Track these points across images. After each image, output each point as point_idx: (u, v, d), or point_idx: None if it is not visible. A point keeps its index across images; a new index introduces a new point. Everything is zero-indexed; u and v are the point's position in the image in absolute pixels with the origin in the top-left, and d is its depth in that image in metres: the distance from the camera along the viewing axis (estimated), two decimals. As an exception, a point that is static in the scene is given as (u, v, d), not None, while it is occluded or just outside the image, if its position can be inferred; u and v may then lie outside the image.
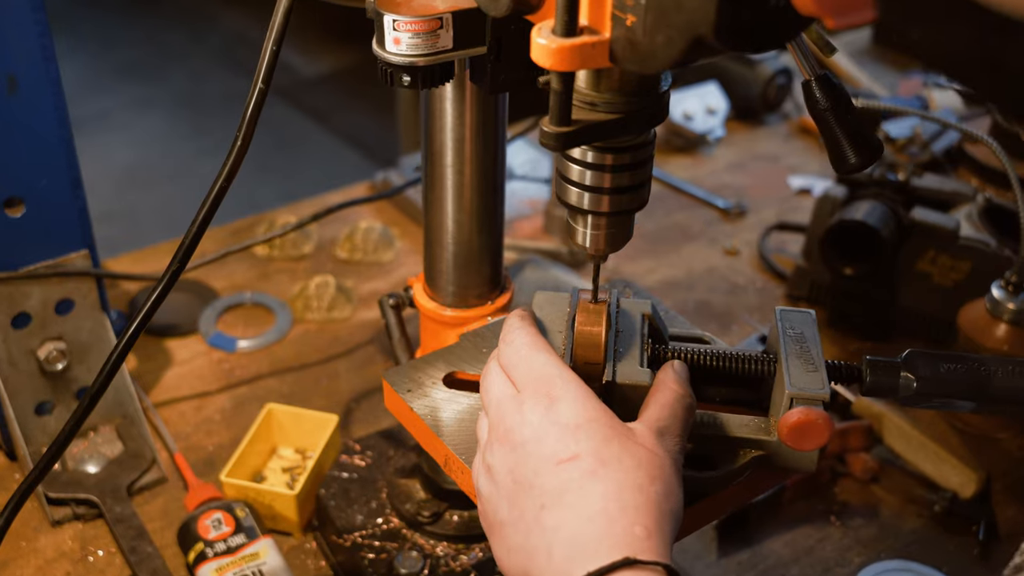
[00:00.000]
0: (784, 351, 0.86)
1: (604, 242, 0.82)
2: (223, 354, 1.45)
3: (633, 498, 0.72)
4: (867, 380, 0.87)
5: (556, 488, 0.73)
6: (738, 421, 0.87)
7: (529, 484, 0.74)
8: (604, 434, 0.74)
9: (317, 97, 4.58)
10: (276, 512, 1.18)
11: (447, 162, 0.96)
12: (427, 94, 0.94)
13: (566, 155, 0.78)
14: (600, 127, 0.73)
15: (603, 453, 0.73)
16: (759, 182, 1.87)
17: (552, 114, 0.70)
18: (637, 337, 0.88)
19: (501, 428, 0.78)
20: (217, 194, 0.83)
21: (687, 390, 0.82)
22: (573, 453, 0.74)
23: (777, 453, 0.85)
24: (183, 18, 5.24)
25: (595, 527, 0.71)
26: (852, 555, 1.22)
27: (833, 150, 0.81)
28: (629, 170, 0.77)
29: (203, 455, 1.30)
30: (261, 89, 0.81)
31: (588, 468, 0.73)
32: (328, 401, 1.38)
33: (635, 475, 0.73)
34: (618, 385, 0.82)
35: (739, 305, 1.58)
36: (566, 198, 0.80)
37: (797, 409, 0.81)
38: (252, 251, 1.63)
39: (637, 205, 0.80)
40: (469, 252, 1.01)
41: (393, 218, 1.73)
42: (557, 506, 0.72)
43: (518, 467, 0.75)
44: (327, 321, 1.51)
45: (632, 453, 0.74)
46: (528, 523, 0.74)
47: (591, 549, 0.70)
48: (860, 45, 2.30)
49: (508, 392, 0.79)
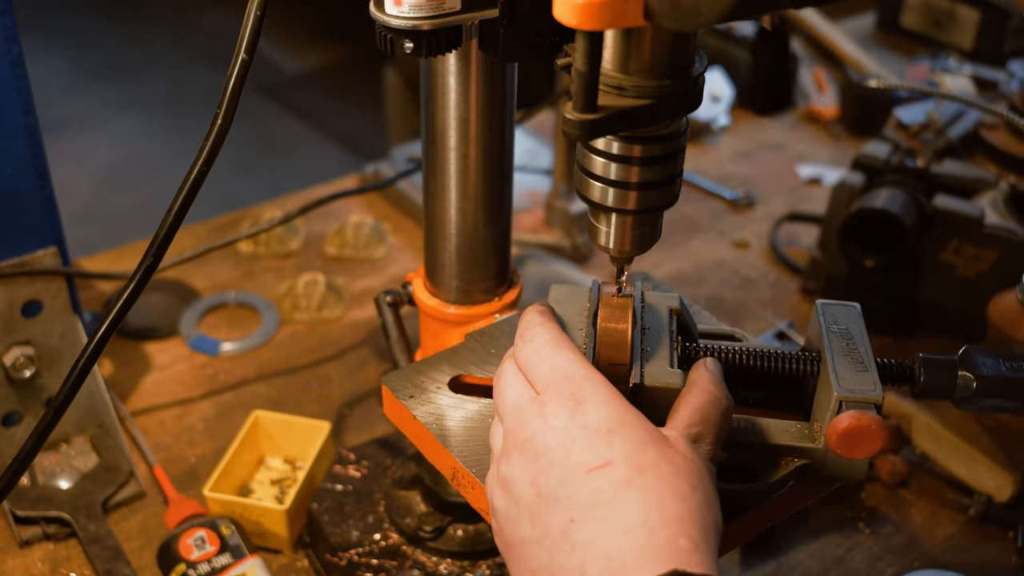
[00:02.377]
0: (829, 349, 0.78)
1: (630, 243, 0.73)
2: (206, 358, 1.36)
3: (675, 508, 0.64)
4: (921, 380, 0.79)
5: (587, 499, 0.65)
6: (779, 427, 0.78)
7: (555, 497, 0.66)
8: (639, 438, 0.66)
9: (303, 94, 4.49)
10: (264, 528, 1.09)
11: (450, 144, 0.87)
12: (428, 69, 0.85)
13: (589, 146, 0.70)
14: (629, 114, 0.64)
15: (639, 459, 0.65)
16: (767, 172, 1.79)
17: (576, 99, 0.62)
18: (665, 334, 0.80)
19: (520, 435, 0.69)
20: (195, 179, 0.74)
21: (723, 392, 0.73)
22: (605, 460, 0.65)
23: (824, 462, 0.77)
24: (164, 18, 5.14)
25: (634, 541, 0.62)
26: (883, 565, 1.14)
27: (751, 87, 0.74)
28: (659, 163, 0.69)
29: (185, 467, 1.21)
30: (244, 60, 0.72)
31: (623, 476, 0.65)
32: (319, 407, 1.29)
33: (675, 483, 0.65)
34: (647, 388, 0.74)
35: (752, 300, 1.50)
36: (588, 194, 0.71)
37: (848, 414, 0.72)
38: (236, 248, 1.55)
39: (667, 202, 0.72)
40: (474, 244, 0.92)
41: (385, 212, 1.64)
42: (588, 519, 0.64)
43: (541, 478, 0.67)
44: (317, 321, 1.43)
45: (670, 459, 0.66)
46: (554, 540, 0.65)
47: (631, 565, 0.62)
48: (865, 31, 2.22)
49: (527, 395, 0.70)
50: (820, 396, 0.78)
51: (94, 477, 1.15)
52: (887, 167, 1.44)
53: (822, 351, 0.79)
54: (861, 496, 1.21)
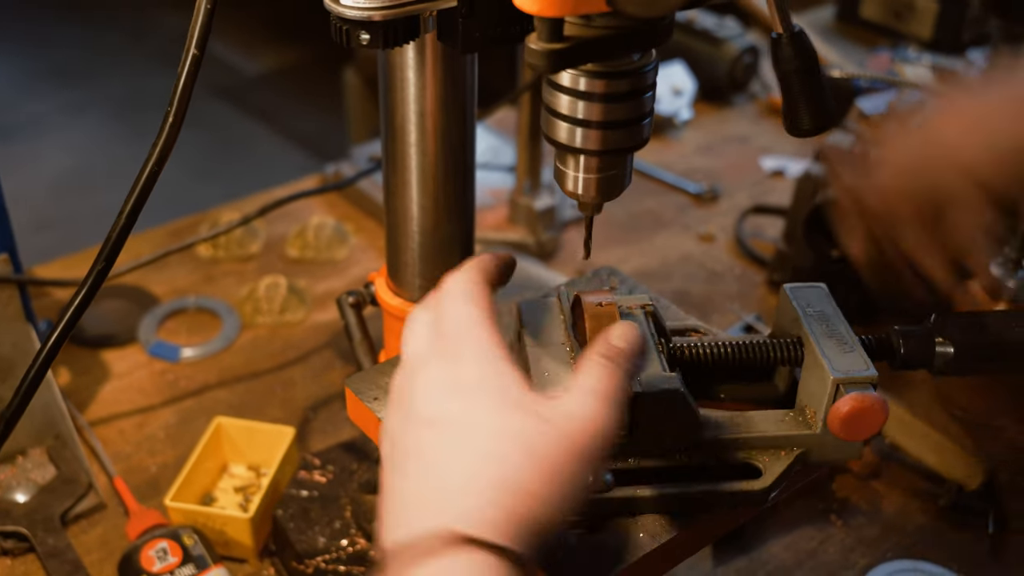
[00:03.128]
0: (812, 333, 0.77)
1: (596, 188, 0.72)
2: (166, 364, 1.33)
3: (489, 471, 0.62)
4: (901, 352, 0.80)
5: (411, 449, 0.65)
6: (772, 417, 0.78)
7: (393, 444, 0.67)
8: (491, 401, 0.65)
9: (261, 96, 4.45)
10: (229, 537, 1.07)
11: (410, 140, 0.85)
12: (385, 63, 0.83)
13: (554, 83, 0.68)
14: (596, 44, 0.62)
15: (473, 418, 0.64)
16: (730, 165, 1.78)
17: (541, 28, 0.60)
18: (648, 338, 0.78)
19: (406, 387, 0.69)
20: (147, 180, 0.72)
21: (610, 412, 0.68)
22: (447, 412, 0.65)
23: (820, 447, 0.77)
24: (121, 19, 5.06)
25: (431, 494, 0.62)
26: (856, 556, 1.13)
27: (789, 111, 0.73)
28: (627, 100, 0.67)
29: (146, 477, 1.18)
30: (195, 56, 0.70)
31: (451, 433, 0.64)
32: (283, 412, 1.27)
33: (498, 446, 0.62)
34: (646, 395, 0.73)
35: (718, 294, 1.49)
36: (554, 135, 0.70)
37: (849, 396, 0.72)
38: (194, 252, 1.52)
39: (635, 143, 0.70)
40: (437, 241, 0.91)
41: (346, 213, 1.62)
42: (404, 468, 0.65)
43: (396, 429, 0.68)
44: (279, 325, 1.40)
45: (514, 422, 0.64)
46: (385, 485, 0.66)
47: (417, 516, 0.61)
48: (824, 23, 2.23)
49: (424, 341, 0.70)
50: (809, 382, 0.77)
51: (52, 490, 1.11)
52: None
53: (803, 336, 0.78)
54: (832, 488, 1.20)
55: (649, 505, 0.75)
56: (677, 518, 0.76)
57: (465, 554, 0.59)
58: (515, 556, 0.60)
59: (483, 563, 0.59)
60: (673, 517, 0.76)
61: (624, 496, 0.75)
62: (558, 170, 0.73)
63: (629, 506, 0.75)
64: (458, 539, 0.59)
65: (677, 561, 0.78)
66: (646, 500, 0.75)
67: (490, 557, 0.59)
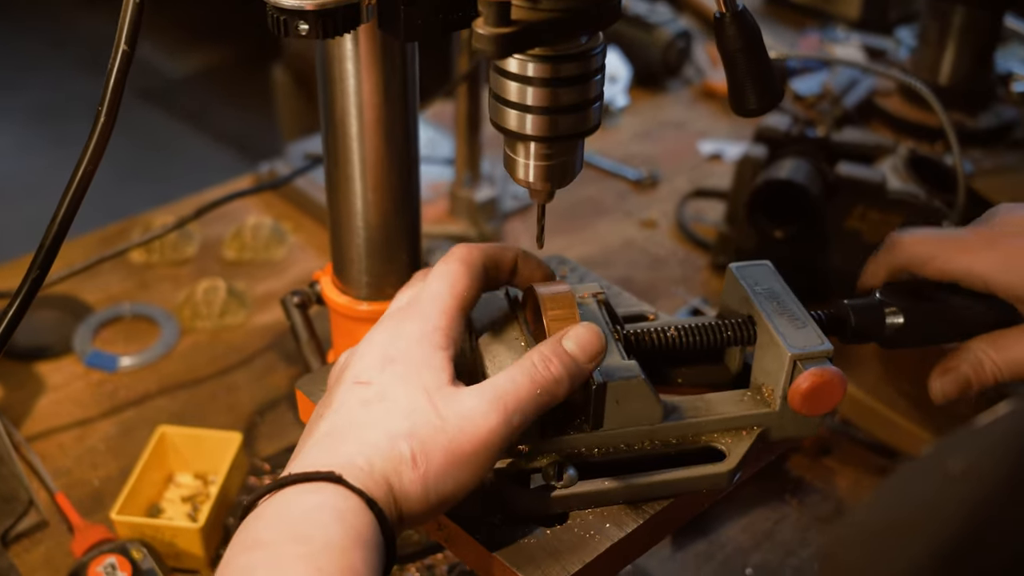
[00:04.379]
0: (764, 311, 0.77)
1: (552, 175, 0.71)
2: (103, 375, 1.29)
3: (377, 436, 0.68)
4: (852, 325, 0.80)
5: (334, 399, 0.72)
6: (730, 399, 0.77)
7: (328, 389, 0.75)
8: (402, 379, 0.70)
9: (187, 98, 4.36)
10: (179, 549, 1.04)
11: (352, 133, 0.83)
12: (324, 55, 0.81)
13: (502, 69, 0.66)
14: (544, 27, 0.61)
15: (390, 394, 0.69)
16: (668, 150, 1.78)
17: (487, 14, 0.59)
18: (603, 326, 0.77)
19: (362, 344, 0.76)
20: (81, 181, 0.69)
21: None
22: (369, 380, 0.71)
23: (780, 424, 0.76)
24: (39, 23, 4.92)
25: (326, 442, 0.69)
26: (813, 534, 1.14)
27: (735, 91, 0.73)
28: (577, 84, 0.66)
29: (89, 491, 1.14)
30: (125, 52, 0.67)
31: (364, 395, 0.70)
32: (228, 418, 1.24)
33: (393, 422, 0.68)
34: (609, 386, 0.71)
35: (662, 279, 1.49)
36: (503, 122, 0.68)
37: (809, 372, 0.72)
38: (127, 258, 1.47)
39: (587, 128, 0.69)
40: (384, 235, 0.89)
41: (283, 212, 1.59)
42: (320, 411, 0.72)
43: (336, 376, 0.76)
44: (219, 329, 1.37)
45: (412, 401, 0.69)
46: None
47: (313, 453, 0.68)
48: (754, 6, 2.24)
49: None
50: (764, 360, 0.77)
51: (-10, 509, 1.07)
52: (788, 138, 1.44)
53: (755, 315, 0.78)
54: (786, 467, 1.20)
55: (615, 496, 0.74)
56: (643, 507, 0.75)
57: (331, 488, 0.64)
58: (374, 505, 0.65)
59: (343, 497, 0.64)
60: (639, 506, 0.75)
61: (589, 490, 0.74)
62: (508, 158, 0.72)
63: (595, 499, 0.74)
64: (332, 476, 0.65)
65: (644, 550, 0.77)
66: (611, 491, 0.74)
67: (352, 496, 0.64)
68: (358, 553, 0.61)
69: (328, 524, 0.62)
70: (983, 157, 1.62)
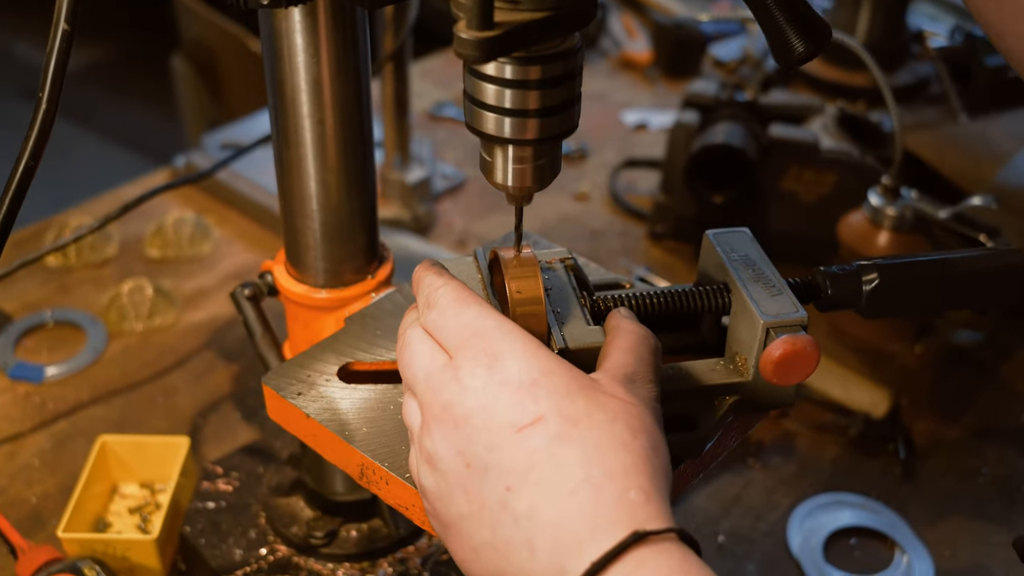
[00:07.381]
0: (739, 278, 0.74)
1: (530, 177, 0.67)
2: (29, 386, 1.22)
3: (619, 458, 0.58)
4: (828, 293, 0.78)
5: (520, 463, 0.58)
6: (704, 367, 0.75)
7: (484, 465, 0.59)
8: (567, 387, 0.60)
9: (76, 95, 4.18)
10: (132, 563, 0.98)
11: (303, 112, 0.79)
12: (271, 32, 0.77)
13: (479, 72, 0.63)
14: (527, 29, 0.58)
15: (570, 410, 0.59)
16: (593, 122, 1.77)
17: (471, 16, 0.55)
18: (569, 292, 0.74)
19: (437, 405, 0.62)
20: (22, 177, 0.64)
21: (647, 330, 0.69)
22: (533, 415, 0.59)
23: (753, 394, 0.74)
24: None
25: (581, 501, 0.57)
26: (779, 497, 1.13)
27: (775, 39, 0.68)
28: (557, 85, 0.63)
29: (27, 510, 1.07)
30: (65, 31, 0.62)
31: (555, 431, 0.59)
32: (170, 422, 1.18)
33: (613, 430, 0.59)
34: (572, 352, 0.68)
35: (603, 251, 1.47)
36: (481, 127, 0.65)
37: (780, 340, 0.70)
38: (44, 263, 1.39)
39: (568, 128, 0.66)
40: (340, 219, 0.84)
41: (205, 205, 1.52)
42: (526, 485, 0.58)
43: (467, 446, 0.60)
44: (150, 331, 1.30)
45: (603, 406, 0.60)
46: (494, 513, 0.59)
47: (584, 532, 0.56)
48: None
49: (439, 361, 0.63)
50: (738, 328, 0.75)
51: (-78, 538, 1.00)
52: (718, 103, 1.43)
53: (730, 282, 0.76)
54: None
55: None
56: None
57: (656, 549, 0.55)
58: (691, 537, 0.58)
59: (675, 552, 0.56)
60: None
61: None
62: (485, 162, 0.68)
63: None
64: (658, 540, 0.55)
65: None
66: None
67: (674, 544, 0.56)
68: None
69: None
70: (904, 113, 1.64)
